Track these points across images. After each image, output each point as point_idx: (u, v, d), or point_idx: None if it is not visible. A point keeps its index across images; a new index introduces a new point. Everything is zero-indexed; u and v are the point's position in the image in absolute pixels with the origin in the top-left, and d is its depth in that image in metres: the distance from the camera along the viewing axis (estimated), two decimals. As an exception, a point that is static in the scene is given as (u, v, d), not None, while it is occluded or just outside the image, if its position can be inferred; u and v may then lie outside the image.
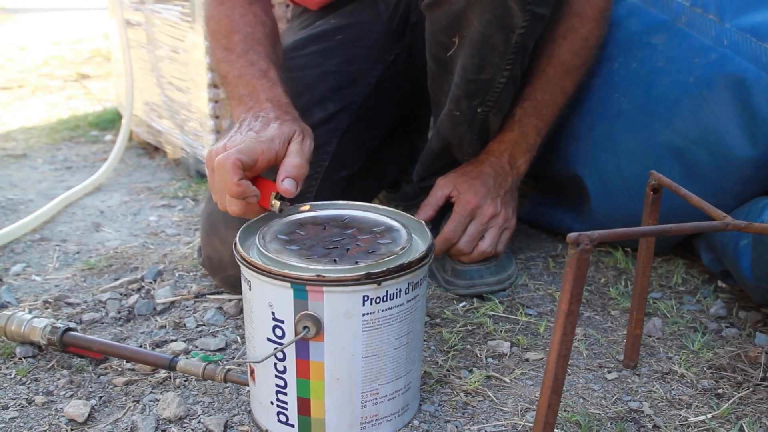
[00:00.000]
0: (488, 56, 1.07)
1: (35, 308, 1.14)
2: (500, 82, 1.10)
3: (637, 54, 1.20)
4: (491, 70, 1.08)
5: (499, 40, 1.05)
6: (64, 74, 3.28)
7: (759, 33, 1.08)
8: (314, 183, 1.16)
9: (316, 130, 1.13)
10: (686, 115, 1.13)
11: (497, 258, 1.19)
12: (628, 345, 0.97)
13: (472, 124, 1.16)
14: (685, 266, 1.27)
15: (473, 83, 1.10)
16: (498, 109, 1.15)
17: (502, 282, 1.19)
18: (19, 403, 0.91)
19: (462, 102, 1.13)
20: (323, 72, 1.25)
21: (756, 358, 1.00)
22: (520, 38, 1.04)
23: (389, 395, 0.82)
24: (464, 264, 1.17)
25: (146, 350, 0.97)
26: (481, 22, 1.03)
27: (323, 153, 1.19)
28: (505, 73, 1.09)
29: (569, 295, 0.66)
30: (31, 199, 1.67)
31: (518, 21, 1.02)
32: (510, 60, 1.07)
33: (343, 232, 0.86)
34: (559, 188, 1.40)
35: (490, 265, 1.18)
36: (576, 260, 0.66)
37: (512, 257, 1.25)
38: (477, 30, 1.04)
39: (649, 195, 0.91)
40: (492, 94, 1.11)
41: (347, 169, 1.23)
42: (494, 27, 1.04)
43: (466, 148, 1.20)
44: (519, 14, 1.02)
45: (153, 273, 1.25)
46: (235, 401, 0.91)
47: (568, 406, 0.90)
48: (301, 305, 0.76)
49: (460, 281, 1.17)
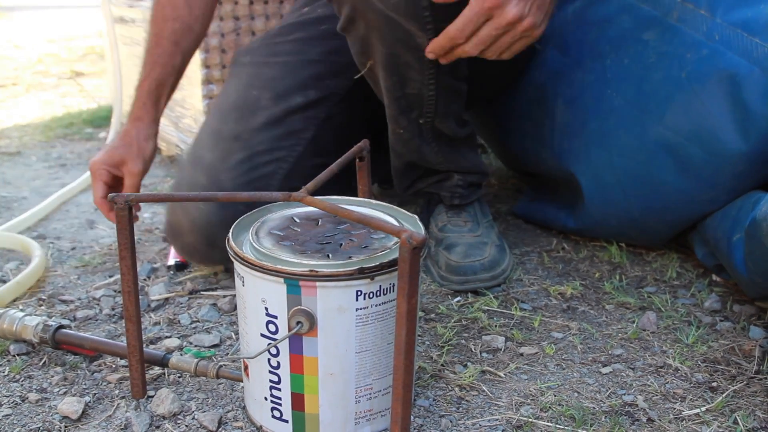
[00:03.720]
0: (405, 73, 1.08)
1: (29, 305, 1.14)
2: (430, 95, 1.10)
3: (629, 50, 1.20)
4: (415, 85, 1.09)
5: (410, 58, 1.06)
6: (58, 72, 3.28)
7: (750, 28, 1.08)
8: (284, 166, 1.19)
9: (295, 115, 1.21)
10: (679, 111, 1.14)
11: (490, 255, 1.19)
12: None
13: (421, 136, 1.16)
14: (679, 260, 1.27)
15: (402, 99, 1.12)
16: (442, 117, 1.14)
17: (496, 278, 1.18)
18: (12, 400, 0.90)
19: (401, 119, 1.15)
20: (307, 60, 1.26)
21: (750, 352, 1.00)
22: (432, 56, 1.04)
23: (383, 390, 0.82)
24: (458, 260, 1.17)
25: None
26: (385, 45, 1.05)
27: (298, 138, 1.21)
28: (431, 86, 1.09)
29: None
30: (25, 197, 1.66)
31: (423, 41, 1.02)
32: (430, 74, 1.07)
33: (336, 228, 0.85)
34: (553, 184, 1.40)
35: (483, 260, 1.18)
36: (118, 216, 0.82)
37: (506, 250, 1.25)
38: (384, 52, 1.06)
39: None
40: (427, 106, 1.12)
41: (324, 157, 1.21)
42: (401, 48, 1.05)
43: (430, 157, 1.20)
44: (421, 34, 1.02)
45: (147, 270, 1.25)
46: (230, 397, 0.91)
47: (563, 400, 0.90)
48: (294, 300, 0.76)
49: (454, 277, 1.17)
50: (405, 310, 0.71)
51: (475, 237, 1.22)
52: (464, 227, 1.24)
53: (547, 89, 1.31)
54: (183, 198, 0.87)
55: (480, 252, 1.19)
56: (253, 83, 1.25)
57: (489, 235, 1.24)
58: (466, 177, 1.25)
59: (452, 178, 1.25)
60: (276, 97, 1.22)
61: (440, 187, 1.26)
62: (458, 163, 1.23)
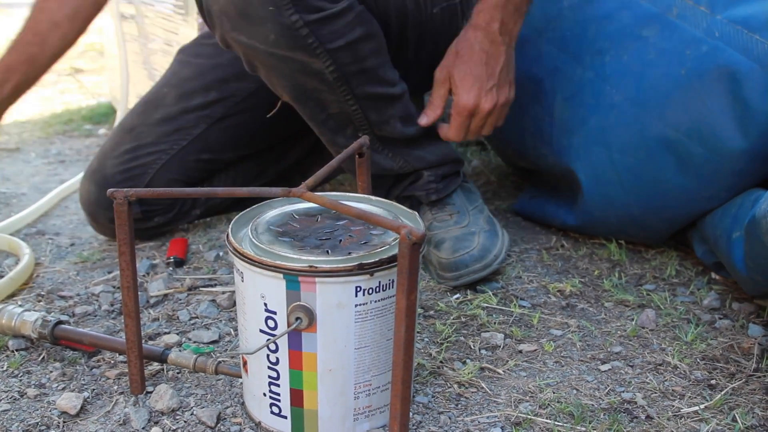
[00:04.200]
0: (319, 97, 1.11)
1: (28, 301, 1.14)
2: (354, 110, 1.12)
3: (629, 47, 1.20)
4: (334, 105, 1.12)
5: (316, 84, 1.09)
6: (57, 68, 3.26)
7: (750, 24, 1.08)
8: (163, 157, 1.31)
9: (190, 114, 1.33)
10: (678, 108, 1.13)
11: (479, 244, 1.17)
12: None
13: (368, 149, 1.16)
14: (678, 258, 1.27)
15: (328, 121, 1.15)
16: (380, 124, 1.15)
17: (489, 265, 1.16)
18: (11, 395, 0.90)
19: (338, 140, 1.17)
20: (217, 63, 1.35)
21: (749, 349, 1.00)
22: (335, 74, 1.07)
23: (382, 386, 0.82)
24: (447, 256, 1.16)
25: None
26: (287, 79, 1.09)
27: (185, 134, 1.33)
28: (350, 102, 1.11)
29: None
30: (24, 193, 1.66)
31: (320, 65, 1.05)
32: (343, 91, 1.09)
33: (335, 224, 0.85)
34: (553, 181, 1.40)
35: (472, 251, 1.15)
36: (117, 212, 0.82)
37: (498, 232, 1.22)
38: (289, 86, 1.10)
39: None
40: (357, 120, 1.14)
41: (212, 153, 1.36)
42: (302, 78, 1.08)
43: (388, 165, 1.20)
44: (315, 59, 1.05)
45: (146, 266, 1.24)
46: (228, 393, 0.91)
47: (562, 397, 0.90)
48: (293, 296, 0.76)
49: (447, 274, 1.16)
50: (404, 306, 0.71)
51: (461, 229, 1.19)
52: (450, 221, 1.21)
53: (546, 85, 1.31)
54: (182, 194, 0.87)
55: (468, 244, 1.16)
56: (169, 81, 1.38)
57: (477, 222, 1.21)
58: (436, 171, 1.23)
59: (422, 177, 1.23)
60: (180, 96, 1.33)
61: (414, 188, 1.24)
62: (423, 161, 1.22)
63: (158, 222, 1.34)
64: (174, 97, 1.34)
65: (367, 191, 0.97)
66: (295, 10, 1.01)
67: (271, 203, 0.90)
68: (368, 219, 0.75)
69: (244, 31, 1.04)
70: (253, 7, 1.01)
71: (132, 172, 1.30)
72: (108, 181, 1.29)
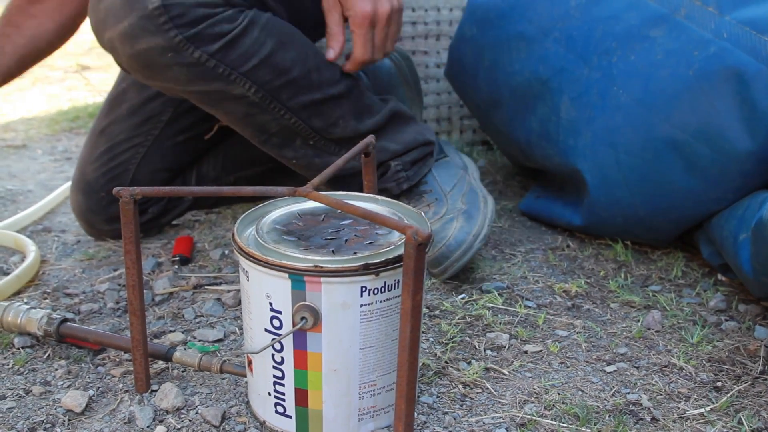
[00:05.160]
0: (254, 121, 1.10)
1: (34, 298, 1.14)
2: (294, 122, 1.10)
3: (636, 47, 1.19)
4: (272, 125, 1.11)
5: (244, 108, 1.08)
6: (64, 65, 3.28)
7: (759, 26, 1.08)
8: (141, 150, 1.31)
9: (154, 101, 1.31)
10: (686, 109, 1.13)
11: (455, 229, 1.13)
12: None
13: (324, 152, 1.15)
14: (684, 259, 1.27)
15: (272, 138, 1.13)
16: (329, 128, 1.13)
17: (470, 248, 1.12)
18: (16, 393, 0.91)
19: (286, 152, 1.15)
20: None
21: (755, 352, 1.00)
22: (259, 94, 1.06)
23: (387, 387, 0.82)
24: (429, 253, 1.10)
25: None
26: (216, 110, 1.10)
27: (156, 122, 1.32)
28: (287, 116, 1.10)
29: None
30: (30, 190, 1.67)
31: (240, 89, 1.05)
32: (275, 108, 1.08)
33: (341, 223, 0.85)
34: (559, 181, 1.39)
35: (448, 240, 1.11)
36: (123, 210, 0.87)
37: (477, 209, 1.17)
38: (220, 114, 1.11)
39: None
40: (302, 131, 1.12)
41: (185, 133, 1.34)
42: (229, 106, 1.08)
43: (349, 164, 1.13)
44: (232, 86, 1.05)
45: (151, 264, 1.25)
46: (233, 392, 0.91)
47: (567, 398, 0.90)
48: (298, 296, 0.76)
49: (434, 270, 1.14)
50: (410, 306, 0.70)
51: (440, 220, 1.15)
52: (428, 212, 1.17)
53: (552, 85, 1.31)
54: (188, 192, 0.87)
55: (444, 234, 1.12)
56: (126, 76, 1.34)
57: (455, 204, 1.17)
58: (404, 159, 1.19)
59: (389, 168, 1.19)
60: (140, 87, 1.31)
61: (383, 181, 1.19)
62: (388, 151, 1.18)
63: (153, 212, 1.34)
64: (135, 90, 1.32)
65: (373, 190, 0.97)
66: (195, 47, 1.00)
67: (276, 202, 0.89)
68: (374, 219, 0.75)
69: (156, 78, 1.06)
70: (153, 59, 1.02)
71: (113, 172, 1.30)
72: (92, 187, 1.29)
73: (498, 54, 1.39)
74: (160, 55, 1.01)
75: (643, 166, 1.19)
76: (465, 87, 1.52)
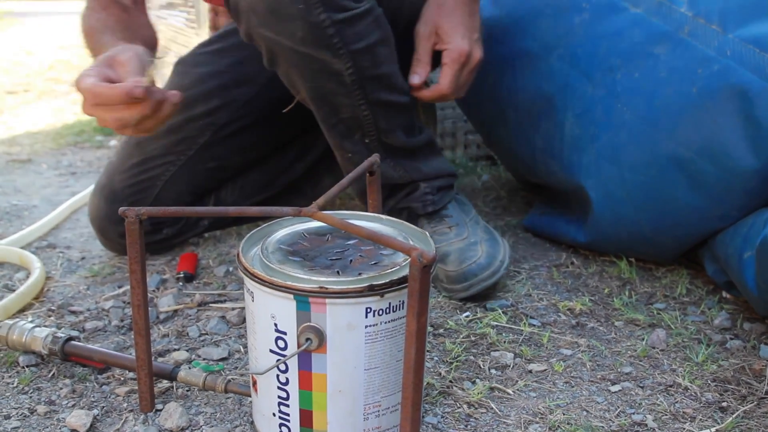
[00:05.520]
0: (333, 100, 1.12)
1: (38, 315, 1.14)
2: (365, 115, 1.13)
3: (640, 64, 1.20)
4: (347, 110, 1.13)
5: (333, 86, 1.10)
6: (70, 79, 3.29)
7: (762, 44, 1.08)
8: (171, 168, 1.31)
9: (193, 122, 1.32)
10: (690, 126, 1.13)
11: (484, 252, 1.18)
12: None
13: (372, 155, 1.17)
14: (689, 276, 1.27)
15: (339, 125, 1.15)
16: (387, 132, 1.17)
17: (497, 271, 1.17)
18: (21, 412, 0.91)
19: (345, 144, 1.18)
20: (215, 70, 1.36)
21: (761, 371, 0.99)
22: (353, 77, 1.09)
23: (392, 407, 0.82)
24: (455, 268, 1.16)
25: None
26: (306, 79, 1.10)
27: (192, 143, 1.33)
28: (363, 107, 1.12)
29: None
30: (35, 205, 1.67)
31: (340, 65, 1.07)
32: (358, 95, 1.11)
33: (345, 243, 0.85)
34: (563, 198, 1.39)
35: (479, 260, 1.16)
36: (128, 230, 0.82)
37: (497, 238, 1.23)
38: (307, 86, 1.11)
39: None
40: (366, 125, 1.15)
41: (219, 161, 1.36)
42: (321, 79, 1.09)
43: (389, 173, 1.21)
44: (336, 60, 1.06)
45: (156, 281, 1.25)
46: (238, 412, 0.91)
47: (572, 418, 0.90)
48: (303, 317, 0.76)
49: (457, 285, 1.16)
50: (414, 328, 0.71)
51: (463, 241, 1.20)
52: (450, 233, 1.22)
53: (557, 102, 1.31)
54: (192, 212, 0.87)
55: (473, 254, 1.17)
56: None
57: (476, 232, 1.22)
58: (432, 183, 1.24)
59: (419, 188, 1.24)
60: (182, 106, 1.27)
61: (410, 200, 1.25)
62: (420, 172, 1.23)
63: (167, 233, 1.35)
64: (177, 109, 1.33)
65: (377, 210, 0.97)
66: (323, 8, 1.03)
67: (282, 221, 0.90)
68: (379, 240, 0.75)
69: (272, 27, 1.05)
70: (282, 5, 1.02)
71: (140, 185, 1.31)
72: (117, 196, 1.30)
73: (502, 70, 1.39)
74: (291, 3, 1.02)
75: (647, 183, 1.19)
76: (469, 103, 1.52)
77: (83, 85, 0.98)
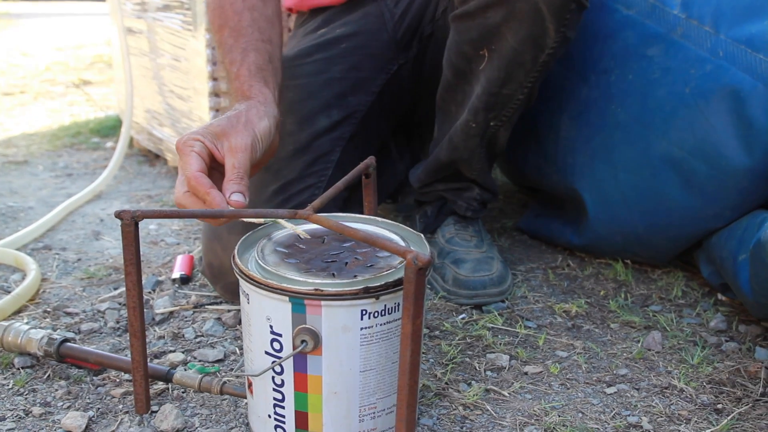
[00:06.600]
0: (514, 72, 1.12)
1: (34, 317, 1.14)
2: (518, 99, 1.15)
3: (633, 66, 1.20)
4: (514, 86, 1.13)
5: (528, 57, 1.10)
6: (66, 80, 3.29)
7: (754, 44, 1.08)
8: (317, 193, 1.15)
9: (321, 138, 1.19)
10: (683, 126, 1.14)
11: (498, 271, 1.20)
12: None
13: (483, 137, 1.20)
14: (685, 279, 1.27)
15: (494, 96, 1.14)
16: (509, 125, 1.20)
17: (503, 293, 1.20)
18: (16, 414, 0.90)
19: (480, 114, 1.17)
20: (328, 79, 1.23)
21: (756, 373, 1.00)
22: (547, 57, 1.10)
23: (387, 409, 0.82)
24: (467, 274, 1.18)
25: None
26: (516, 38, 1.08)
27: (327, 162, 1.18)
28: (525, 90, 1.14)
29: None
30: (31, 207, 1.67)
31: (550, 41, 1.08)
32: (533, 78, 1.12)
33: (341, 246, 0.86)
34: (558, 200, 1.40)
35: (492, 275, 1.19)
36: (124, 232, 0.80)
37: (507, 267, 1.26)
38: (509, 46, 1.09)
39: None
40: (508, 109, 1.16)
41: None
42: (527, 44, 1.08)
43: (474, 162, 1.23)
44: (553, 35, 1.07)
45: (152, 283, 1.25)
46: (233, 413, 0.91)
47: (567, 420, 0.90)
48: (299, 319, 0.76)
49: (462, 291, 1.18)
50: (410, 331, 0.71)
51: (481, 253, 1.23)
52: (471, 242, 1.26)
53: (552, 104, 1.31)
54: (188, 214, 0.87)
55: (488, 267, 1.20)
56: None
57: (492, 251, 1.25)
58: (483, 193, 1.29)
59: (473, 190, 1.28)
60: (301, 121, 1.18)
61: (458, 195, 1.28)
62: (483, 178, 1.27)
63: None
64: (294, 123, 1.18)
65: (373, 212, 0.98)
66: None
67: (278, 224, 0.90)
68: (374, 243, 0.75)
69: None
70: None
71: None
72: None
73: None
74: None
75: (641, 183, 1.20)
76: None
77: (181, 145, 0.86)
